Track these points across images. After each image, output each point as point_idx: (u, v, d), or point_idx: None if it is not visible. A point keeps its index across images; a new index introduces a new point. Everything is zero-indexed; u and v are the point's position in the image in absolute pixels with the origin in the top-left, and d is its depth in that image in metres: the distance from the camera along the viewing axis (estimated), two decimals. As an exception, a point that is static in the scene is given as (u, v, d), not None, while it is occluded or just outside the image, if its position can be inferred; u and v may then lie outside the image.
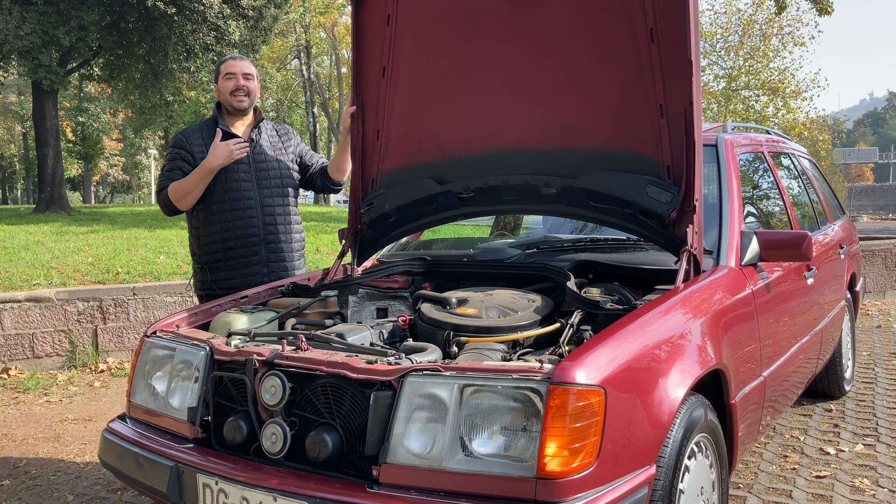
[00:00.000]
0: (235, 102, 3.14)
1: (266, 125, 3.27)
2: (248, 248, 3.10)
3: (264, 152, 3.19)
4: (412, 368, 1.81)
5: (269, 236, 3.14)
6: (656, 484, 1.83)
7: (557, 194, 2.63)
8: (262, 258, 3.12)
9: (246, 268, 3.10)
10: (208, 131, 3.15)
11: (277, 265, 3.15)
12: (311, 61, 28.79)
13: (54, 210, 14.13)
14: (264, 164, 3.17)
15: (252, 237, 3.10)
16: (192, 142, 3.12)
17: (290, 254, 3.21)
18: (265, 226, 3.13)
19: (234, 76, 3.14)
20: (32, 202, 26.21)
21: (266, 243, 3.13)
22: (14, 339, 5.26)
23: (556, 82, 2.56)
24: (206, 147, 3.09)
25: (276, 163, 3.20)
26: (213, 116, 3.20)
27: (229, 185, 3.08)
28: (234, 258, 3.09)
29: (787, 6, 12.75)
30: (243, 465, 1.97)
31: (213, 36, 14.42)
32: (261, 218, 3.12)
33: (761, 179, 3.47)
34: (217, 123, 3.15)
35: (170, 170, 3.12)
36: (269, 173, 3.17)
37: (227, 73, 3.14)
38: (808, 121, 20.62)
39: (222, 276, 3.11)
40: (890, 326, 6.45)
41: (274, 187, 3.17)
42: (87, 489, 3.22)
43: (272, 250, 3.14)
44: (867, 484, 3.07)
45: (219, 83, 3.18)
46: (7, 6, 12.40)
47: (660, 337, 1.99)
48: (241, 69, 3.15)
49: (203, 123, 3.22)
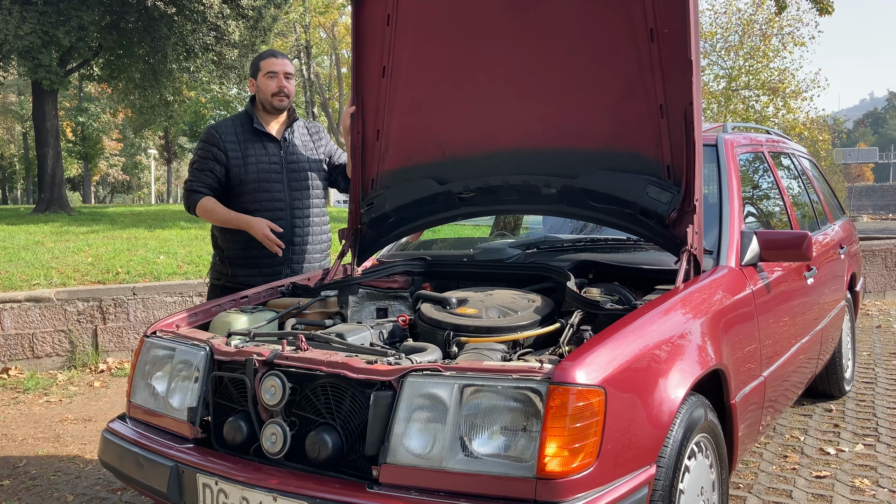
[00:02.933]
0: (276, 102, 3.11)
1: (299, 124, 3.24)
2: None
3: (297, 153, 3.16)
4: (412, 368, 1.81)
5: (296, 238, 3.13)
6: (656, 484, 1.83)
7: (557, 194, 2.63)
8: (287, 258, 3.10)
9: (269, 267, 3.09)
10: (241, 127, 3.11)
11: (300, 266, 3.15)
12: (311, 61, 28.79)
13: (54, 210, 14.13)
14: (296, 164, 3.15)
15: (279, 238, 3.06)
16: (226, 139, 3.07)
17: (314, 255, 3.20)
18: (293, 228, 3.11)
19: (277, 76, 3.10)
20: (32, 202, 26.20)
21: (292, 245, 3.12)
22: (14, 339, 5.25)
23: (557, 82, 2.56)
24: (239, 146, 3.05)
25: (307, 164, 3.18)
26: (247, 112, 3.16)
27: (261, 186, 3.06)
28: (258, 258, 3.07)
29: (787, 6, 12.73)
30: (243, 465, 1.97)
31: (212, 36, 14.43)
32: (289, 220, 3.10)
33: (761, 179, 3.47)
34: (251, 119, 3.11)
35: (200, 169, 3.07)
36: (300, 175, 3.15)
37: (269, 71, 3.10)
38: (808, 121, 20.62)
39: (243, 273, 3.09)
40: (890, 326, 6.45)
41: (304, 189, 3.15)
42: (87, 489, 3.22)
43: (297, 252, 3.13)
44: (867, 484, 3.07)
45: (258, 79, 3.12)
46: (7, 6, 12.40)
47: (660, 337, 1.99)
48: (283, 68, 3.11)
49: (236, 118, 3.18)
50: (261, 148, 3.11)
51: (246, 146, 3.09)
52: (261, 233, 2.98)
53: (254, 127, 3.12)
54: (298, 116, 3.24)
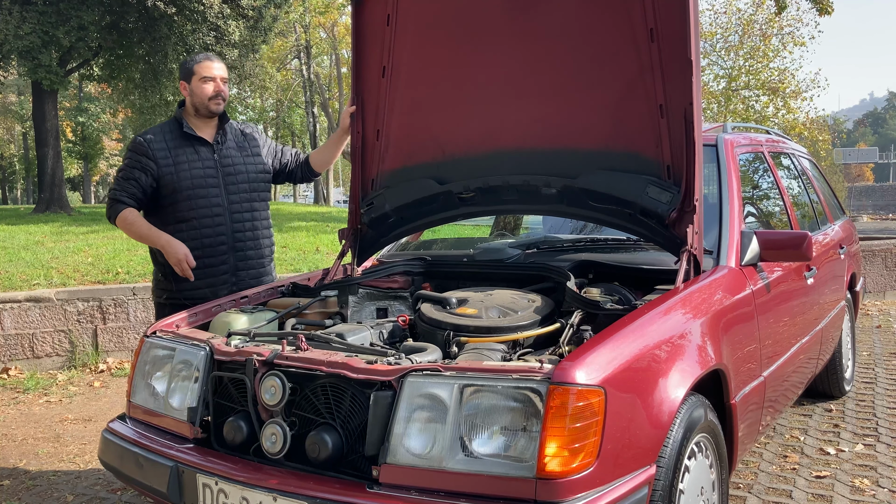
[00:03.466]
0: (213, 106, 2.99)
1: (231, 126, 3.12)
2: (217, 258, 2.98)
3: (231, 156, 3.04)
4: (412, 368, 1.81)
5: (238, 244, 3.02)
6: (656, 484, 1.83)
7: (557, 194, 2.63)
8: (231, 266, 3.01)
9: (213, 277, 2.98)
10: (171, 134, 2.99)
11: (245, 273, 3.05)
12: (311, 61, 28.80)
13: (54, 210, 14.13)
14: (231, 167, 3.03)
15: (220, 245, 2.98)
16: (154, 146, 2.94)
17: (259, 260, 3.10)
18: (234, 233, 3.00)
19: (214, 80, 2.98)
20: (32, 202, 26.20)
21: (235, 251, 3.01)
22: (14, 339, 5.26)
23: (557, 82, 2.56)
24: (169, 152, 2.93)
25: (243, 166, 3.06)
26: (177, 118, 3.03)
27: (196, 192, 2.93)
28: (202, 267, 2.94)
29: (787, 6, 12.72)
30: (243, 465, 1.97)
31: (213, 36, 14.42)
32: (229, 225, 2.99)
33: (761, 179, 3.47)
34: (181, 125, 3.00)
35: (125, 178, 2.95)
36: (237, 178, 3.03)
37: (205, 75, 2.97)
38: (808, 121, 20.60)
39: (188, 286, 2.96)
40: (890, 326, 6.45)
41: (242, 192, 3.04)
42: (87, 489, 3.22)
43: (241, 258, 3.03)
44: (867, 484, 3.07)
45: (191, 83, 2.99)
46: (7, 6, 12.40)
47: (660, 337, 1.99)
48: (220, 72, 3.00)
49: (165, 125, 3.05)
50: (193, 153, 2.99)
51: (177, 152, 2.96)
52: (175, 258, 2.86)
53: (184, 132, 2.99)
54: (230, 118, 3.13)
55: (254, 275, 3.08)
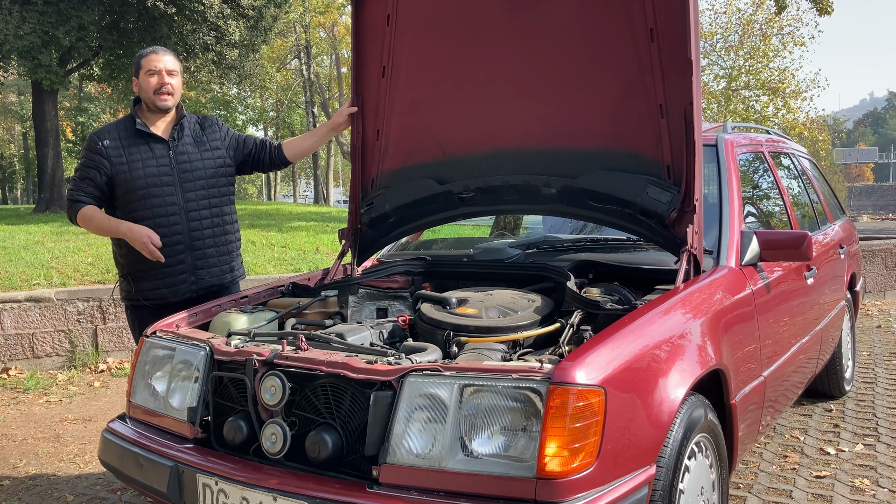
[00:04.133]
0: (159, 102, 2.89)
1: (189, 121, 3.01)
2: (174, 257, 2.89)
3: (188, 152, 2.95)
4: (412, 368, 1.81)
5: (196, 242, 2.93)
6: (656, 484, 1.83)
7: (557, 194, 2.63)
8: (189, 266, 2.92)
9: (171, 277, 2.90)
10: (125, 131, 2.93)
11: (206, 272, 2.97)
12: (311, 61, 28.78)
13: (54, 210, 14.12)
14: (187, 164, 2.94)
15: (177, 245, 2.89)
16: (107, 144, 2.87)
17: (220, 258, 3.00)
18: (190, 232, 2.91)
19: (158, 73, 2.88)
20: (32, 202, 26.20)
21: (192, 250, 2.92)
22: (14, 339, 5.26)
23: (557, 82, 2.57)
24: (123, 150, 2.88)
25: (200, 162, 2.96)
26: (131, 114, 2.95)
27: (151, 191, 2.86)
28: (159, 267, 2.86)
29: (787, 6, 12.73)
30: (243, 465, 1.97)
31: (213, 36, 14.41)
32: (185, 224, 2.90)
33: (761, 179, 3.47)
34: (135, 122, 2.93)
35: (81, 178, 2.88)
36: (193, 174, 2.94)
37: (149, 68, 2.87)
38: (808, 121, 20.62)
39: (147, 287, 2.91)
40: (890, 326, 6.45)
41: (199, 189, 2.94)
42: (87, 489, 3.22)
43: (199, 257, 2.95)
44: (867, 484, 3.07)
45: (140, 78, 2.90)
46: (7, 6, 12.40)
47: (660, 337, 1.99)
48: (165, 65, 2.89)
49: (120, 122, 2.99)
50: (147, 150, 2.90)
51: (130, 150, 2.89)
52: (140, 241, 2.78)
53: (137, 128, 2.91)
54: (187, 113, 3.03)
55: (215, 273, 2.99)
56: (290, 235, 9.51)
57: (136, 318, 2.95)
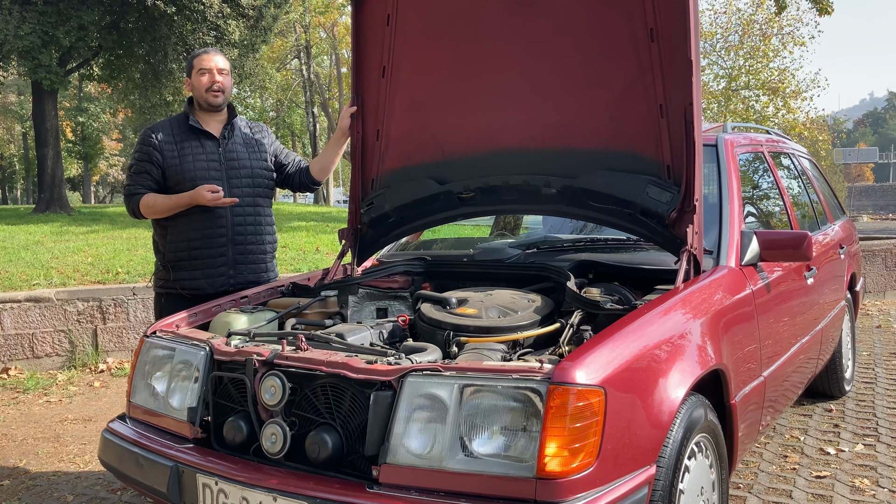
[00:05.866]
0: (211, 99, 3.03)
1: (240, 122, 3.16)
2: (215, 249, 3.00)
3: (237, 150, 3.08)
4: (412, 368, 1.81)
5: (238, 237, 3.03)
6: (656, 484, 1.83)
7: (557, 194, 2.63)
8: (229, 259, 3.02)
9: (211, 269, 3.00)
10: (178, 127, 3.05)
11: (245, 267, 3.06)
12: (311, 61, 28.78)
13: (54, 210, 14.12)
14: (236, 162, 3.07)
15: (219, 237, 2.99)
16: (160, 138, 3.00)
17: (259, 255, 3.11)
18: (234, 226, 3.02)
19: (209, 71, 3.01)
20: (32, 202, 26.18)
21: (234, 244, 3.02)
22: (14, 339, 5.26)
23: (557, 82, 2.57)
24: (175, 144, 2.99)
25: (248, 161, 3.09)
26: (185, 112, 3.09)
27: (199, 184, 2.95)
28: (200, 258, 2.98)
29: (787, 6, 12.72)
30: (243, 465, 1.97)
31: (213, 36, 14.40)
32: (230, 219, 3.01)
33: (761, 179, 3.47)
34: (188, 119, 3.05)
35: (137, 172, 3.01)
36: (240, 172, 3.07)
37: (200, 67, 3.02)
38: (808, 121, 20.60)
39: (185, 276, 3.00)
40: (890, 326, 6.45)
41: (245, 187, 3.06)
42: (87, 489, 3.22)
43: (240, 251, 3.04)
44: (867, 484, 3.07)
45: (192, 78, 3.05)
46: (7, 6, 12.40)
47: (660, 337, 1.99)
48: (216, 64, 3.03)
49: (174, 119, 3.12)
50: (198, 146, 3.03)
51: (182, 145, 3.01)
52: (204, 199, 2.89)
53: (189, 124, 3.04)
54: (238, 114, 3.18)
55: (253, 270, 3.09)
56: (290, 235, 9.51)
57: (168, 308, 2.99)
